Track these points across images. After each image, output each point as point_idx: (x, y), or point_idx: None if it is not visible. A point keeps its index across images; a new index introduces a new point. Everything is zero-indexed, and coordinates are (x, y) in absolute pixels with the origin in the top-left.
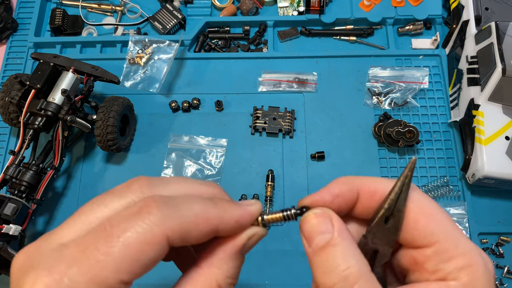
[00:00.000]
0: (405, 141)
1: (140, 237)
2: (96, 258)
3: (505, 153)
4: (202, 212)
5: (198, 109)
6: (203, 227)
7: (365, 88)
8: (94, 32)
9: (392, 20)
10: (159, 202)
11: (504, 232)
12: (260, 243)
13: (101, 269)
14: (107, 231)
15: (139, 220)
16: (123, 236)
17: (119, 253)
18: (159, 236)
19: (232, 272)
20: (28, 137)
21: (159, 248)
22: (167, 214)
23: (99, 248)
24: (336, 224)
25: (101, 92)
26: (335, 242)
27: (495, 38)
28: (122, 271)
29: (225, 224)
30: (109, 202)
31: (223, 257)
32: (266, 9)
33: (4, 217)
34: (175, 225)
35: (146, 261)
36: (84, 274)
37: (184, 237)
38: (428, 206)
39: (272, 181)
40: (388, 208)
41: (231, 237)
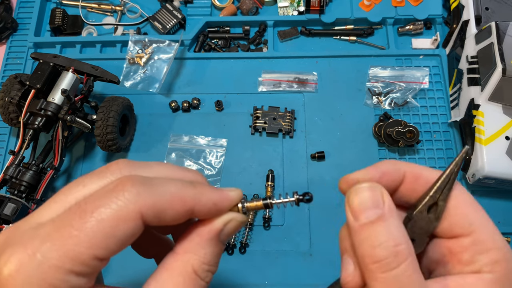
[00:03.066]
0: (405, 141)
1: (113, 213)
2: (70, 234)
3: (505, 153)
4: (178, 191)
5: (198, 109)
6: (178, 206)
7: (365, 88)
8: (94, 32)
9: (392, 20)
10: (135, 180)
11: (505, 232)
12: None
13: (74, 245)
14: (81, 208)
15: (113, 197)
16: (97, 211)
17: (92, 228)
18: (133, 213)
19: (209, 258)
20: (28, 137)
21: (133, 225)
22: (142, 191)
23: (73, 224)
24: (387, 200)
25: (101, 92)
26: (386, 218)
27: (495, 38)
28: (96, 247)
29: (201, 206)
30: (88, 182)
31: (199, 242)
32: (266, 9)
33: (4, 217)
34: (149, 202)
35: (120, 237)
36: (58, 249)
37: (158, 216)
38: (468, 197)
39: (272, 181)
40: (433, 196)
41: (208, 221)
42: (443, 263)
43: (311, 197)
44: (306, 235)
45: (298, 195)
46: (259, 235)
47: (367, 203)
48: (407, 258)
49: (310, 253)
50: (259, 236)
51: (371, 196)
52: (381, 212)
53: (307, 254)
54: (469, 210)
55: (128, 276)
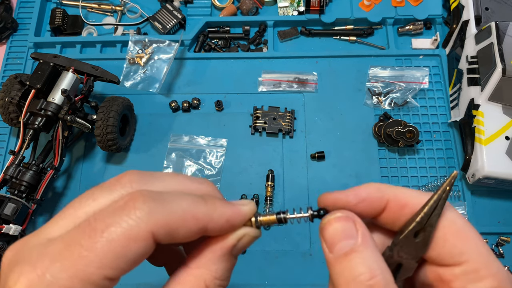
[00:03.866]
0: (405, 141)
1: (124, 232)
2: (80, 254)
3: (505, 153)
4: (191, 209)
5: (198, 109)
6: (191, 224)
7: (365, 88)
8: (94, 32)
9: (392, 20)
10: (146, 197)
11: (504, 232)
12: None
13: (84, 265)
14: (92, 226)
15: (124, 215)
16: (107, 231)
17: (102, 248)
18: (145, 232)
19: (221, 274)
20: (28, 137)
21: (145, 245)
22: (154, 209)
23: (83, 243)
24: (360, 229)
25: (101, 92)
26: (360, 249)
27: (495, 38)
28: (106, 267)
29: (214, 223)
30: (98, 196)
31: (211, 258)
32: (266, 9)
33: (4, 217)
34: (161, 221)
35: (131, 257)
36: (67, 269)
37: (171, 234)
38: (459, 224)
39: (272, 181)
40: (420, 222)
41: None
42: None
43: (326, 212)
44: (306, 235)
45: (313, 210)
46: None
47: (340, 234)
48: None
49: (310, 253)
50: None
51: (343, 226)
52: (354, 243)
53: (307, 254)
54: (459, 240)
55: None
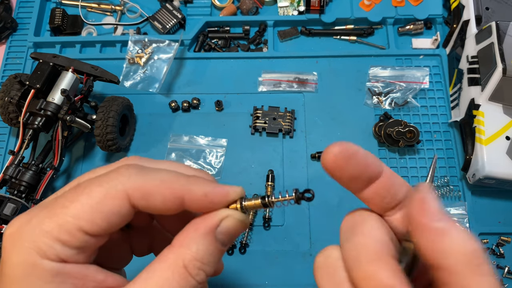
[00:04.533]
0: (405, 141)
1: (102, 190)
2: (62, 204)
3: (506, 153)
4: (169, 178)
5: (198, 109)
6: (166, 192)
7: (365, 88)
8: (94, 32)
9: (392, 20)
10: (131, 166)
11: (505, 232)
12: (260, 243)
13: (63, 214)
14: (79, 185)
15: (106, 177)
16: (88, 187)
17: (81, 201)
18: (120, 192)
19: (202, 255)
20: (28, 137)
21: (119, 203)
22: (134, 174)
23: (68, 196)
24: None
25: (101, 92)
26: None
27: (495, 38)
28: (82, 219)
29: (192, 195)
30: (98, 170)
31: (193, 236)
32: (266, 8)
33: (3, 217)
34: (137, 184)
35: (106, 214)
36: (49, 216)
37: (146, 199)
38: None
39: (272, 181)
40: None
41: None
42: None
43: (312, 194)
44: (306, 235)
45: (299, 192)
46: (259, 235)
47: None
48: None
49: (310, 253)
50: (259, 236)
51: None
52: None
53: (307, 254)
54: None
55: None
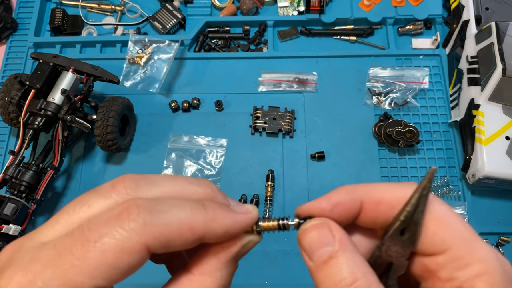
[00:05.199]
0: (405, 141)
1: (117, 244)
2: (71, 263)
3: (506, 153)
4: (187, 219)
5: (198, 109)
6: (187, 235)
7: (365, 88)
8: (94, 32)
9: (392, 20)
10: (141, 207)
11: (505, 232)
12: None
13: (75, 274)
14: (85, 235)
15: (117, 226)
16: (100, 241)
17: (94, 259)
18: (138, 245)
19: (225, 280)
20: (28, 137)
21: (138, 257)
22: (148, 221)
23: (75, 252)
24: (337, 234)
25: (101, 92)
26: (338, 254)
27: (495, 38)
28: (98, 278)
29: (212, 234)
30: (92, 202)
31: (216, 265)
32: (266, 9)
33: (4, 217)
34: (156, 233)
35: (124, 269)
36: (58, 277)
37: (166, 246)
38: (438, 211)
39: (272, 181)
40: (404, 220)
41: (224, 244)
42: (425, 278)
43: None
44: None
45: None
46: None
47: (317, 242)
48: None
49: None
50: None
51: (319, 234)
52: (332, 249)
53: None
54: (439, 227)
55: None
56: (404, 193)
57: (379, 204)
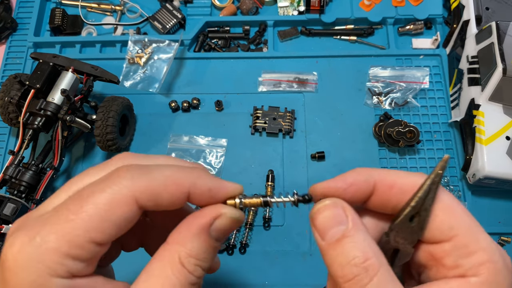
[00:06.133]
0: (405, 141)
1: (108, 197)
2: (67, 218)
3: (506, 153)
4: (173, 174)
5: (198, 109)
6: (173, 189)
7: (365, 88)
8: (94, 32)
9: (392, 20)
10: (131, 167)
11: (505, 233)
12: (260, 243)
13: (71, 228)
14: (79, 193)
15: (109, 182)
16: (92, 196)
17: (88, 212)
18: (127, 197)
19: (196, 252)
20: (28, 137)
21: (128, 209)
22: (137, 175)
23: (70, 208)
24: (350, 215)
25: (101, 92)
26: (351, 233)
27: (495, 38)
28: (92, 230)
29: (197, 189)
30: (92, 173)
31: (186, 234)
32: (266, 8)
33: (3, 217)
34: (143, 186)
35: (116, 221)
36: (55, 232)
37: (154, 199)
38: (447, 200)
39: (272, 181)
40: (415, 206)
41: (198, 214)
42: (429, 266)
43: (310, 198)
44: (306, 235)
45: (298, 196)
46: (259, 235)
47: (330, 221)
48: (378, 270)
49: (310, 253)
50: (259, 236)
51: (333, 213)
52: (345, 228)
53: (307, 254)
54: (447, 215)
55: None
56: (416, 181)
57: (392, 188)
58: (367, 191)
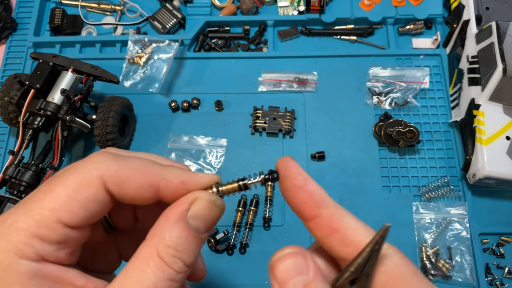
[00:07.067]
0: (405, 141)
1: (77, 177)
2: (37, 198)
3: (506, 153)
4: (144, 166)
5: (198, 109)
6: (140, 178)
7: (365, 88)
8: (94, 32)
9: (392, 20)
10: (105, 152)
11: (505, 233)
12: (260, 243)
13: (39, 208)
14: (53, 176)
15: (80, 164)
16: (62, 176)
17: (56, 192)
18: (95, 178)
19: (175, 242)
20: (28, 137)
21: (95, 190)
22: (108, 159)
23: (41, 189)
24: (311, 264)
25: (101, 92)
26: (312, 285)
27: (495, 38)
28: (59, 210)
29: (169, 183)
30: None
31: (164, 225)
32: (266, 8)
33: None
34: (112, 170)
35: (83, 202)
36: (26, 212)
37: (121, 186)
38: (392, 266)
39: (272, 181)
40: (354, 271)
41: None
42: None
43: (277, 175)
44: (306, 235)
45: (264, 174)
46: (259, 235)
47: (292, 270)
48: None
49: None
50: (259, 236)
51: (295, 262)
52: (306, 279)
53: None
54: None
55: None
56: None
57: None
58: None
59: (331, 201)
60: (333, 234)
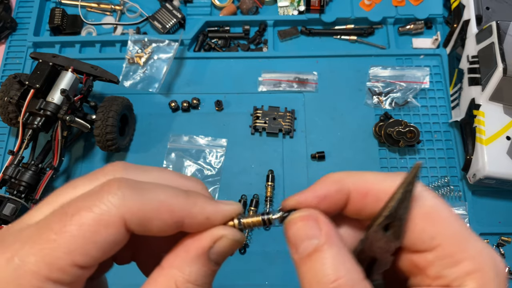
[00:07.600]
0: (405, 141)
1: (95, 217)
2: (49, 238)
3: (506, 153)
4: (168, 200)
5: (197, 109)
6: (166, 216)
7: (365, 88)
8: (94, 32)
9: (392, 20)
10: (123, 183)
11: (505, 233)
12: (260, 243)
13: (52, 249)
14: (63, 210)
15: (96, 200)
16: (77, 215)
17: (71, 233)
18: (116, 218)
19: (194, 278)
20: (27, 137)
21: (116, 232)
22: (128, 196)
23: (52, 227)
24: (324, 227)
25: (100, 92)
26: (323, 248)
27: (496, 38)
28: (75, 253)
29: (192, 219)
30: (79, 184)
31: (184, 258)
32: (266, 8)
33: (3, 217)
34: (134, 208)
35: (101, 244)
36: (35, 253)
37: (144, 224)
38: (428, 205)
39: (272, 181)
40: (388, 215)
41: (197, 236)
42: (413, 274)
43: None
44: None
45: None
46: (259, 235)
47: (302, 233)
48: None
49: None
50: (259, 237)
51: (305, 225)
52: (317, 243)
53: None
54: (428, 223)
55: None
56: (391, 186)
57: (366, 196)
58: (341, 202)
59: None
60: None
